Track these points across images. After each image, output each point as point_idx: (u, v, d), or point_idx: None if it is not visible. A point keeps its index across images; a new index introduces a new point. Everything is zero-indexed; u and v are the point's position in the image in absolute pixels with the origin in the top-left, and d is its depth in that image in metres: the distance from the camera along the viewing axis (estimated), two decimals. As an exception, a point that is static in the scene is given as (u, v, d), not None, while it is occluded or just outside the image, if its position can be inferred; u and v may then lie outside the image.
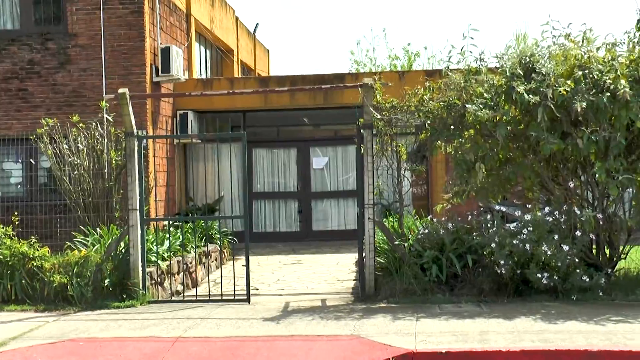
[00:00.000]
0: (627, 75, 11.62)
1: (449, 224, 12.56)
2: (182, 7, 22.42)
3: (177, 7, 21.81)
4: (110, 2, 19.09)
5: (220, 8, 27.08)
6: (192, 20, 23.11)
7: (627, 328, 9.57)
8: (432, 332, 9.55)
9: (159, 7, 20.03)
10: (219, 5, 26.89)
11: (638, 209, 12.17)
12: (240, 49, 29.99)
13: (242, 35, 30.65)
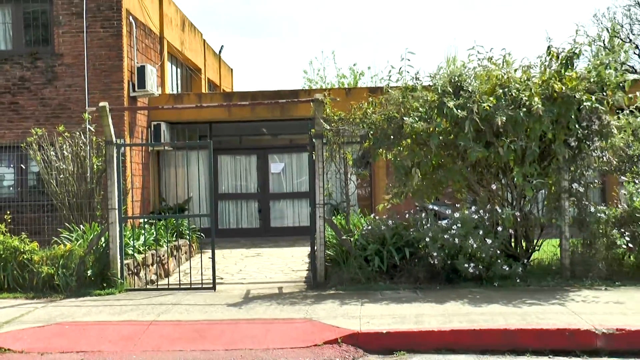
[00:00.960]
0: (540, 93, 11.84)
1: (389, 221, 12.63)
2: (156, 31, 22.36)
3: (151, 31, 21.76)
4: (92, 26, 19.09)
5: (190, 32, 27.04)
6: (164, 43, 23.05)
7: (540, 309, 9.74)
8: (374, 315, 9.62)
9: (136, 30, 19.99)
10: (189, 30, 26.85)
11: (549, 208, 12.39)
12: (207, 67, 29.94)
13: (209, 56, 30.60)
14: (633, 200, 12.42)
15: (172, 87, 25.17)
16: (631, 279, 11.87)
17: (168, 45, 23.54)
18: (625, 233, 12.09)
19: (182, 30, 25.67)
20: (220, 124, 22.61)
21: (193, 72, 28.29)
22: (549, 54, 12.52)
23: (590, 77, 12.10)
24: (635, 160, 13.77)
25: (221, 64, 33.48)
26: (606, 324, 8.80)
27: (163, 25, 22.92)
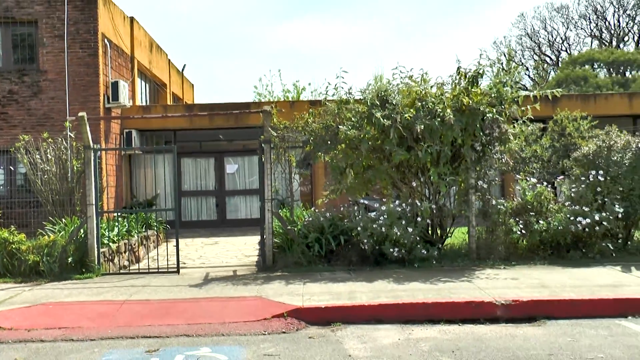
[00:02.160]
0: (452, 106, 12.05)
1: (327, 213, 12.77)
2: (128, 52, 22.19)
3: (123, 52, 21.59)
4: (72, 47, 19.02)
5: (157, 52, 26.83)
6: (135, 62, 22.87)
7: (452, 286, 9.98)
8: (315, 293, 9.74)
9: (110, 51, 19.86)
10: (156, 51, 26.64)
11: (459, 201, 12.64)
12: (172, 83, 29.75)
13: (173, 73, 30.40)
14: (525, 195, 12.75)
15: (142, 100, 24.97)
16: (524, 260, 12.20)
17: (138, 64, 23.39)
18: (519, 222, 12.45)
19: (150, 51, 25.49)
20: (183, 131, 22.51)
21: (159, 87, 28.07)
22: (459, 74, 12.74)
23: (492, 93, 12.39)
24: (527, 162, 14.20)
25: (184, 80, 33.29)
26: (504, 296, 9.06)
27: (134, 47, 22.77)
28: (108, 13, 20.16)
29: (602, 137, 13.36)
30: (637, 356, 6.98)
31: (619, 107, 22.65)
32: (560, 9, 56.79)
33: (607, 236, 12.50)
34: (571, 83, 45.62)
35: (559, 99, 16.20)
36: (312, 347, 7.51)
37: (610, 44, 55.57)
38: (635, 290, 9.44)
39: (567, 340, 7.62)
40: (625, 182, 12.65)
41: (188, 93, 34.67)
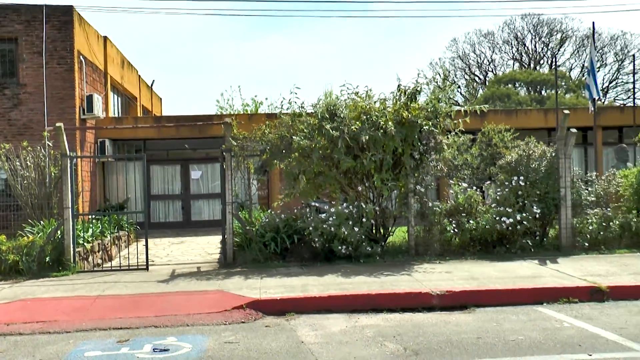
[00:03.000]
0: (393, 119, 12.12)
1: (282, 215, 12.73)
2: (101, 68, 21.87)
3: (97, 67, 21.28)
4: (50, 63, 18.74)
5: (128, 69, 26.50)
6: (108, 77, 22.56)
7: (393, 279, 10.03)
8: (271, 286, 9.70)
9: (85, 67, 19.56)
10: (127, 67, 26.30)
11: (400, 204, 12.71)
12: (142, 96, 29.41)
13: (143, 88, 30.05)
14: (458, 198, 12.92)
15: (114, 112, 24.62)
16: (456, 255, 12.34)
17: (111, 79, 23.05)
18: (452, 221, 12.61)
19: (122, 67, 25.16)
20: (152, 141, 22.29)
21: (130, 100, 27.73)
22: (399, 91, 12.84)
23: (428, 108, 12.51)
24: (459, 169, 14.40)
25: (153, 94, 32.92)
26: (439, 287, 9.15)
27: (107, 63, 22.46)
28: (83, 32, 19.86)
29: (522, 147, 13.61)
30: (550, 336, 7.15)
31: (536, 121, 23.11)
32: (487, 35, 57.67)
33: (527, 234, 12.72)
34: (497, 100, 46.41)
35: (486, 113, 16.46)
36: (268, 335, 7.48)
37: (529, 66, 56.68)
38: (550, 281, 9.64)
39: (493, 325, 7.74)
40: (541, 187, 12.91)
41: (157, 106, 34.34)
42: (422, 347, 6.83)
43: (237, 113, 26.01)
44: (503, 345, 6.84)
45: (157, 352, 6.82)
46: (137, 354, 6.78)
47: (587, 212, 13.11)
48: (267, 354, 6.71)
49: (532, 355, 6.47)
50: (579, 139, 21.33)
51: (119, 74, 24.65)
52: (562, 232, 12.76)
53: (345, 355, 6.58)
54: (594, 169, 20.53)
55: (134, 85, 27.85)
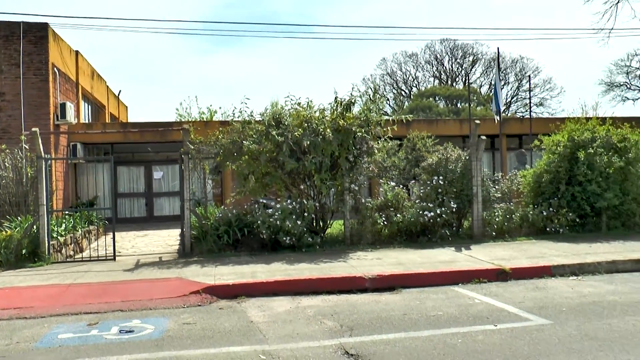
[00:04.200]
0: (331, 126, 12.14)
1: (234, 210, 12.59)
2: (73, 78, 21.23)
3: (70, 78, 20.65)
4: (27, 73, 18.18)
5: (97, 80, 25.82)
6: (79, 87, 21.92)
7: (331, 265, 10.05)
8: (224, 274, 9.59)
9: (59, 78, 18.98)
10: (97, 78, 25.64)
11: (337, 200, 12.72)
12: (110, 105, 28.72)
13: (111, 97, 29.35)
14: (387, 195, 13.01)
15: (85, 118, 23.94)
16: (386, 244, 12.43)
17: (82, 89, 22.42)
18: (382, 215, 12.70)
19: (92, 79, 24.49)
20: (119, 145, 21.73)
21: (100, 108, 27.02)
22: (336, 102, 12.88)
23: (361, 117, 12.58)
24: (388, 170, 14.52)
25: (119, 103, 32.18)
26: (371, 272, 9.21)
27: (78, 75, 21.84)
28: (57, 47, 19.27)
29: (441, 151, 13.82)
30: (464, 311, 7.28)
31: (453, 129, 23.52)
32: (411, 56, 58.45)
33: (446, 225, 12.93)
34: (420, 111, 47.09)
35: (411, 122, 16.67)
36: (222, 316, 7.39)
37: (447, 82, 57.72)
38: (464, 265, 9.82)
39: (417, 303, 7.83)
40: (457, 185, 13.14)
41: (123, 113, 33.60)
42: (356, 323, 6.86)
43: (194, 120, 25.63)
44: (425, 320, 6.92)
45: (123, 333, 6.66)
46: (105, 335, 6.60)
47: (495, 206, 13.42)
48: (220, 332, 6.62)
49: (449, 327, 6.57)
50: (488, 145, 21.84)
51: (89, 85, 23.99)
52: (474, 224, 13.02)
53: (289, 332, 6.56)
54: (500, 170, 21.07)
55: (102, 95, 27.16)
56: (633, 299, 7.87)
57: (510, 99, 55.01)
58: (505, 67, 54.01)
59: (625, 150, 13.90)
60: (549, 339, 6.06)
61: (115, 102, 31.09)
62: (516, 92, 55.57)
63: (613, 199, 13.46)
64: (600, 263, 9.94)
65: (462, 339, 6.12)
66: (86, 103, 24.42)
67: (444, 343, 6.00)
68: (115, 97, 31.15)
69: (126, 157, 22.54)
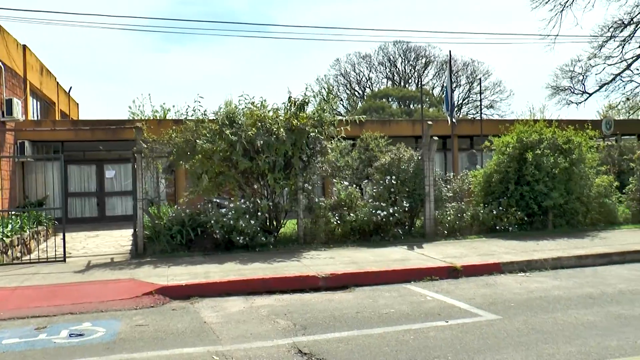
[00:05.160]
0: (284, 126, 12.15)
1: (187, 210, 12.43)
2: (21, 74, 20.59)
3: (17, 74, 20.02)
4: (-29, 71, 17.47)
5: (47, 75, 25.11)
6: (27, 83, 21.28)
7: (285, 264, 10.04)
8: (177, 274, 9.47)
9: (5, 73, 18.32)
10: (46, 74, 24.92)
11: (291, 200, 12.69)
12: (60, 102, 27.96)
13: (61, 93, 28.59)
14: (340, 194, 13.08)
15: (34, 115, 23.26)
16: (339, 243, 12.49)
17: (30, 85, 21.76)
18: (336, 214, 12.76)
19: (40, 74, 23.79)
20: (69, 143, 21.18)
21: (49, 104, 26.30)
22: (290, 102, 12.86)
23: (315, 117, 12.61)
24: (341, 169, 14.55)
25: (70, 100, 31.36)
26: (324, 271, 9.25)
27: (26, 70, 21.20)
28: (2, 40, 18.60)
29: (394, 151, 13.98)
30: (416, 308, 7.38)
31: (405, 130, 23.81)
32: (365, 57, 58.89)
33: (398, 224, 13.08)
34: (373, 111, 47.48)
35: (364, 123, 16.79)
36: (175, 317, 7.29)
37: (399, 84, 58.40)
38: (417, 263, 9.96)
39: (370, 301, 7.89)
40: (410, 185, 13.31)
41: (74, 110, 32.77)
42: (309, 322, 6.87)
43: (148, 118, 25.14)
44: (378, 318, 6.99)
45: (73, 337, 6.49)
46: (54, 339, 6.41)
47: (446, 205, 13.65)
48: (173, 334, 6.53)
49: (401, 324, 6.65)
50: (440, 145, 22.18)
51: (38, 80, 23.30)
52: (426, 222, 13.20)
53: (243, 332, 6.52)
54: (451, 170, 21.45)
55: (52, 91, 26.43)
56: (576, 293, 8.15)
57: (462, 101, 56.09)
58: (457, 69, 55.03)
59: (570, 152, 14.35)
60: (498, 334, 6.21)
61: (66, 99, 30.31)
62: (467, 94, 56.73)
63: (558, 198, 13.88)
64: (546, 260, 10.24)
65: (414, 336, 6.20)
66: (35, 99, 23.73)
67: (397, 340, 6.07)
68: (66, 93, 30.37)
69: (77, 156, 21.98)
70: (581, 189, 14.33)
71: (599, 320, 6.68)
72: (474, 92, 55.48)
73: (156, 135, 12.90)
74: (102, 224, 20.81)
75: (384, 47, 57.63)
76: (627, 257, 10.86)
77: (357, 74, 59.60)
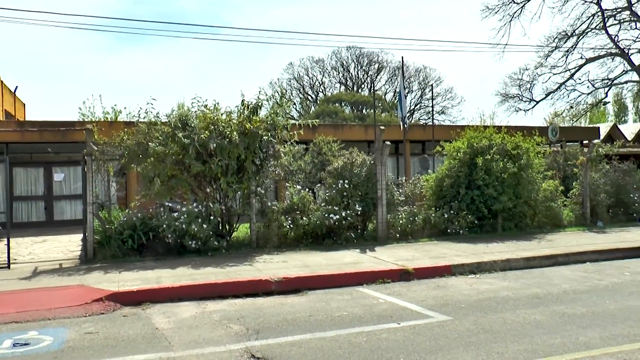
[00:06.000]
0: (237, 129, 12.06)
1: (139, 214, 12.20)
2: (-40, 76, 19.93)
3: (-44, 76, 19.36)
4: None
5: (-11, 75, 24.41)
6: (-33, 83, 20.62)
7: (237, 269, 9.97)
8: (128, 279, 9.29)
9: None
10: (-12, 74, 24.20)
11: (243, 204, 12.62)
12: (5, 101, 27.08)
13: (6, 93, 27.69)
14: (293, 198, 13.08)
15: (-25, 117, 22.49)
16: (292, 247, 12.49)
17: (-30, 85, 21.02)
18: (288, 218, 12.75)
19: (-18, 75, 23.02)
20: (15, 144, 20.43)
21: (-8, 106, 25.52)
22: (243, 105, 12.79)
23: (268, 120, 12.59)
24: (294, 173, 14.57)
25: (16, 100, 30.41)
26: (277, 275, 9.22)
27: (-34, 71, 20.46)
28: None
29: (347, 156, 14.06)
30: (369, 311, 7.45)
31: (358, 134, 23.98)
32: (318, 62, 59.05)
33: (351, 228, 13.15)
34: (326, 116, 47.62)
35: (317, 127, 16.83)
36: (126, 324, 7.14)
37: (352, 89, 58.80)
38: (369, 266, 10.05)
39: (322, 304, 7.91)
40: (362, 188, 13.40)
41: (20, 111, 31.75)
42: (262, 326, 6.83)
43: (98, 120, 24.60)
44: (330, 321, 7.00)
45: (17, 347, 6.26)
46: (-4, 348, 6.19)
47: (399, 209, 13.81)
48: (124, 341, 6.39)
49: (354, 327, 6.68)
50: (393, 150, 22.37)
51: (-21, 80, 22.53)
52: (378, 226, 13.31)
53: (195, 338, 6.43)
54: (403, 175, 21.71)
55: (-4, 91, 25.63)
56: (524, 293, 8.36)
57: (414, 106, 56.85)
58: (410, 75, 55.74)
59: (518, 157, 14.74)
60: (449, 334, 6.31)
61: (11, 98, 29.37)
62: (419, 100, 57.54)
63: (507, 202, 14.22)
64: (496, 262, 10.48)
65: (366, 338, 6.23)
66: (-24, 100, 22.95)
67: (349, 342, 6.09)
68: (11, 93, 29.44)
69: (23, 158, 21.28)
70: (529, 193, 14.73)
71: (544, 319, 6.87)
72: (426, 98, 56.33)
73: (107, 138, 12.62)
74: (50, 228, 20.16)
75: (337, 52, 57.99)
76: (571, 258, 11.23)
77: (310, 78, 59.75)
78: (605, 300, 7.92)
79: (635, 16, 28.05)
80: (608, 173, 17.14)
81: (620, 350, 5.69)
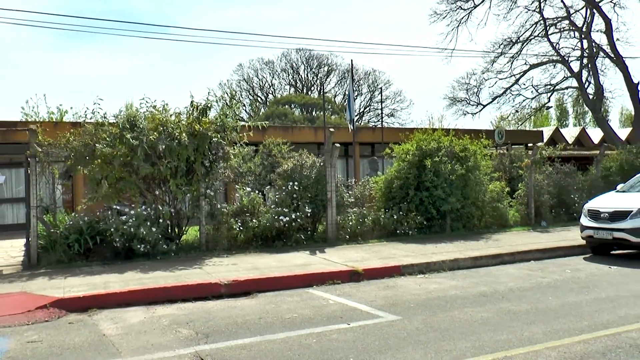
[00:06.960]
0: (187, 131, 11.89)
1: (85, 217, 11.84)
2: None
3: None
4: None
5: None
6: None
7: (187, 272, 9.83)
8: (74, 285, 9.02)
9: None
10: None
11: (193, 206, 12.46)
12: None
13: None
14: (243, 200, 12.99)
15: None
16: (242, 249, 12.40)
17: None
18: (238, 220, 12.67)
19: None
20: (-50, 146, 19.68)
21: None
22: (192, 106, 12.61)
23: (218, 122, 12.47)
24: (244, 175, 14.51)
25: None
26: (227, 278, 9.13)
27: None
28: None
29: (297, 157, 14.06)
30: (319, 312, 7.47)
31: (308, 136, 24.05)
32: (268, 63, 58.92)
33: (301, 229, 13.15)
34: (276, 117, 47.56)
35: (267, 129, 16.73)
36: (71, 331, 6.94)
37: (302, 91, 58.91)
38: (319, 267, 10.07)
39: (272, 306, 7.88)
40: (312, 190, 13.43)
41: (-44, 112, 30.50)
42: (212, 330, 6.76)
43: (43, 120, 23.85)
44: (280, 323, 6.98)
45: (-47, 356, 6.00)
46: None
47: (348, 210, 13.89)
48: (70, 349, 6.21)
49: (304, 328, 6.68)
50: (342, 152, 22.53)
51: None
52: (328, 227, 13.36)
53: (144, 344, 6.30)
54: (353, 176, 21.87)
55: None
56: (471, 292, 8.54)
57: (364, 109, 57.36)
58: (359, 78, 56.24)
59: (466, 159, 15.05)
60: (399, 334, 6.38)
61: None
62: (369, 102, 58.09)
63: (455, 203, 14.50)
64: (444, 261, 10.67)
65: (316, 339, 6.24)
66: None
67: (299, 344, 6.09)
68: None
69: (-39, 160, 20.49)
70: (476, 194, 15.07)
71: (491, 317, 7.03)
72: (375, 101, 56.91)
73: (52, 139, 12.23)
74: (-10, 233, 19.46)
75: (287, 54, 57.99)
76: (516, 257, 11.55)
77: (260, 79, 59.55)
78: (548, 297, 8.17)
79: (574, 26, 29.05)
80: (551, 175, 17.69)
81: (561, 344, 5.88)
